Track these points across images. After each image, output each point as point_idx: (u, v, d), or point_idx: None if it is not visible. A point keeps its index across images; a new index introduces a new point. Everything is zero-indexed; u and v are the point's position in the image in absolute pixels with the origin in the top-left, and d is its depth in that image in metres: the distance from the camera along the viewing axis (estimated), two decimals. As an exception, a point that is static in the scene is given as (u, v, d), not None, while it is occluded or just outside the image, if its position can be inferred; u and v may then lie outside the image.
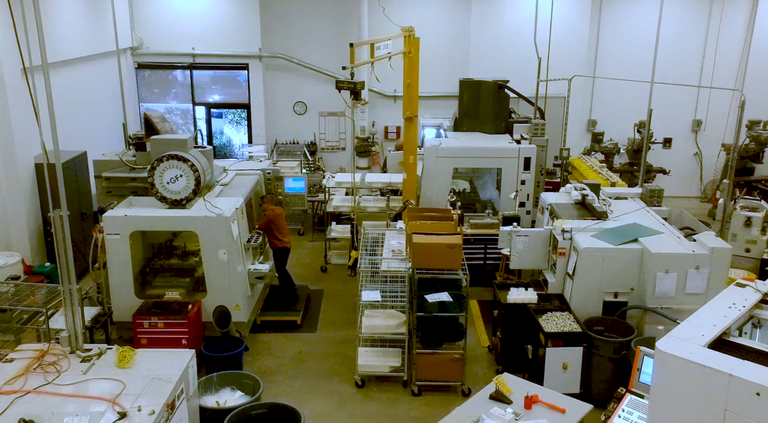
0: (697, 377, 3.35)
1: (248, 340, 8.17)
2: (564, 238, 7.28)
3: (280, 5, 13.83)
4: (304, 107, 14.50)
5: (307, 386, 7.21)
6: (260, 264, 7.97)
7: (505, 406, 5.35)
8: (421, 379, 7.02)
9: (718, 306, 3.98)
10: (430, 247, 6.83)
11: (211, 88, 14.66)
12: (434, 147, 10.44)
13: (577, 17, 13.58)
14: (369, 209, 10.34)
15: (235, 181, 8.83)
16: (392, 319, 7.33)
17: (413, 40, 9.05)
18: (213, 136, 15.28)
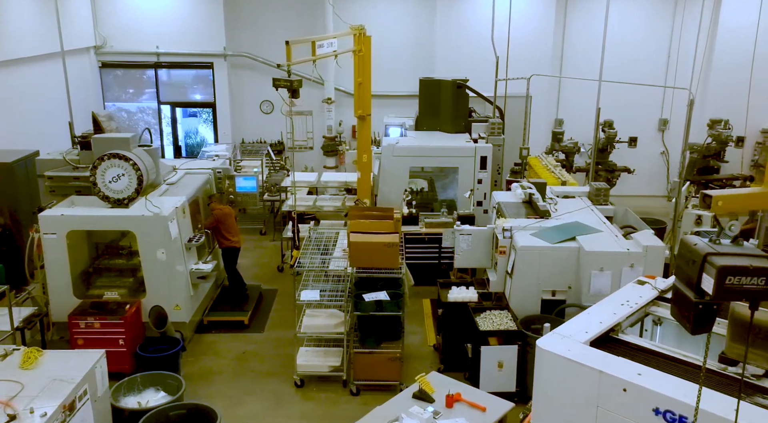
0: (572, 374, 3.34)
1: (194, 341, 8.15)
2: (504, 236, 7.27)
3: (245, 4, 13.79)
4: (270, 106, 14.45)
5: (246, 387, 7.17)
6: (204, 264, 7.92)
7: (426, 405, 5.33)
8: (359, 379, 7.00)
9: (611, 303, 3.98)
10: (367, 246, 6.81)
11: (183, 86, 14.60)
12: (390, 146, 10.44)
13: (541, 17, 13.59)
14: (325, 208, 10.31)
15: (184, 181, 8.79)
16: (333, 318, 7.31)
17: (364, 39, 9.03)
18: (188, 136, 15.23)
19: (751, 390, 3.21)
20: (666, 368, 3.34)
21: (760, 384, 3.24)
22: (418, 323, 8.75)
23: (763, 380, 3.29)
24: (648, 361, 3.42)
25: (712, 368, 3.39)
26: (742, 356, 3.43)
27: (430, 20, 13.83)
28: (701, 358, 3.55)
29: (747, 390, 3.21)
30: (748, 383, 3.26)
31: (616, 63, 13.75)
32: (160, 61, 13.84)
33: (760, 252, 2.24)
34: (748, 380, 3.27)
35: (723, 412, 2.85)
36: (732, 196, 2.26)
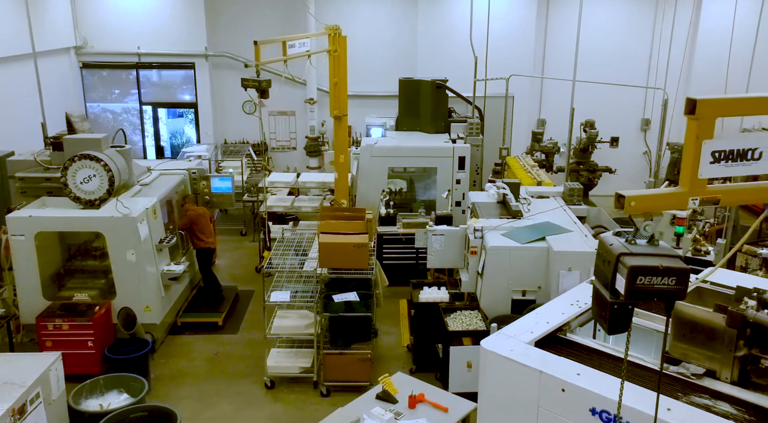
0: (513, 374, 3.34)
1: (167, 342, 8.12)
2: (475, 236, 7.26)
3: (226, 4, 13.76)
4: (253, 106, 14.39)
5: (217, 388, 7.14)
6: (175, 265, 7.89)
7: (389, 406, 5.32)
8: (329, 380, 6.98)
9: (560, 303, 3.98)
10: (336, 247, 6.79)
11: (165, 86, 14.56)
12: (369, 147, 10.43)
13: (522, 17, 13.60)
14: (303, 209, 10.29)
15: (158, 181, 8.75)
16: (304, 319, 7.29)
17: (340, 39, 9.01)
18: (174, 136, 15.18)
19: (689, 389, 3.21)
20: (608, 368, 3.34)
21: (699, 383, 3.24)
22: (394, 324, 8.73)
23: (704, 379, 3.29)
24: (591, 361, 3.42)
25: (654, 367, 3.38)
26: (685, 355, 3.44)
27: (412, 20, 13.83)
28: (648, 359, 3.56)
29: (685, 389, 3.21)
30: (688, 382, 3.26)
31: (598, 63, 13.81)
32: (141, 61, 13.79)
33: (674, 252, 2.24)
34: (688, 379, 3.27)
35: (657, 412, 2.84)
36: (645, 197, 2.25)
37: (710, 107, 2.14)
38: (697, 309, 3.30)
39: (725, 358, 3.23)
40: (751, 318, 3.12)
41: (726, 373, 3.25)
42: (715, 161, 2.20)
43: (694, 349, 3.34)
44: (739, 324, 3.13)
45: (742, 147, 2.21)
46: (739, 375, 3.24)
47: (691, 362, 3.37)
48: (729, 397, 3.13)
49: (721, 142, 2.19)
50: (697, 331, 3.28)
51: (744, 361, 3.21)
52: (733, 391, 3.18)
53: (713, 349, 3.26)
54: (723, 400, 3.12)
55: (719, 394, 3.16)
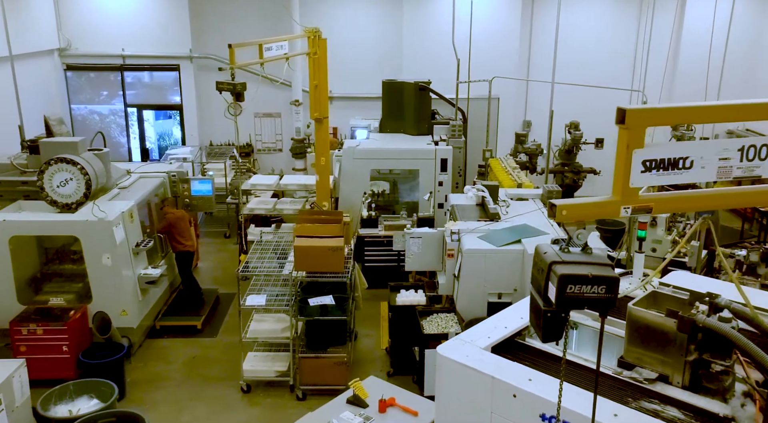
0: (467, 380, 3.34)
1: (145, 346, 8.09)
2: (452, 239, 7.27)
3: (211, 6, 13.73)
4: (238, 108, 14.35)
5: (193, 392, 7.13)
6: (153, 268, 7.86)
7: (358, 410, 5.32)
8: (305, 384, 6.97)
9: (520, 308, 3.99)
10: (311, 250, 6.78)
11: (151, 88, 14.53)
12: (351, 149, 10.44)
13: (506, 19, 13.62)
14: (285, 212, 10.28)
15: (137, 184, 8.72)
16: (281, 323, 7.28)
17: (320, 41, 9.00)
18: (163, 138, 15.14)
19: (640, 394, 3.22)
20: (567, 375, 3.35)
21: (651, 388, 3.25)
22: (374, 326, 8.74)
23: (656, 384, 3.30)
24: (546, 366, 3.43)
25: (607, 372, 3.40)
26: (639, 360, 3.45)
27: (397, 22, 13.83)
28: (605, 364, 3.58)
29: (636, 394, 3.22)
30: (640, 388, 3.27)
31: (583, 64, 13.84)
32: (125, 63, 13.74)
33: (606, 261, 2.25)
34: (640, 384, 3.29)
35: (603, 417, 2.85)
36: (577, 206, 2.26)
37: (639, 117, 2.15)
38: (650, 313, 3.31)
39: (677, 363, 3.25)
40: (701, 323, 3.13)
41: (678, 378, 3.27)
42: (646, 170, 2.21)
43: (648, 353, 3.35)
44: (689, 329, 3.14)
45: (672, 156, 2.22)
46: (690, 379, 3.26)
47: (645, 367, 3.38)
48: (678, 402, 3.15)
49: (651, 151, 2.20)
50: (651, 336, 3.29)
51: (695, 365, 3.22)
52: (684, 396, 3.19)
53: (666, 353, 3.28)
54: (672, 405, 3.13)
55: (669, 399, 3.17)
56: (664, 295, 3.58)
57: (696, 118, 2.32)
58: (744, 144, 2.26)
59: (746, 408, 3.25)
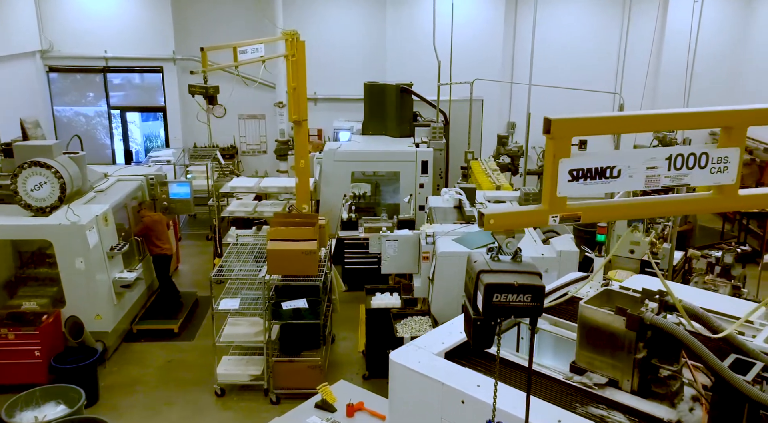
0: (418, 386, 3.34)
1: (121, 350, 8.06)
2: (427, 242, 7.28)
3: (194, 8, 13.71)
4: (222, 110, 14.32)
5: (167, 396, 7.10)
6: (128, 272, 7.84)
7: (326, 415, 5.31)
8: (279, 388, 6.96)
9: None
10: (284, 254, 6.76)
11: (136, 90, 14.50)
12: (331, 151, 10.45)
13: (489, 21, 13.66)
14: (266, 214, 10.25)
15: (114, 187, 8.69)
16: (256, 327, 7.26)
17: (298, 44, 8.99)
18: (150, 139, 15.11)
19: (588, 400, 3.23)
20: (512, 379, 3.36)
21: (600, 393, 3.26)
22: (353, 329, 8.73)
23: (606, 389, 3.31)
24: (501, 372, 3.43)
25: (558, 377, 3.41)
26: (591, 364, 3.46)
27: (381, 24, 13.85)
28: (560, 369, 3.59)
29: (584, 400, 3.23)
30: (588, 393, 3.28)
31: (567, 66, 13.90)
32: (108, 65, 13.70)
33: (535, 269, 2.26)
34: (589, 390, 3.30)
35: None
36: (505, 214, 2.27)
37: (565, 127, 2.16)
38: (600, 311, 3.32)
39: (626, 367, 3.26)
40: (648, 320, 3.14)
41: (627, 383, 3.28)
42: (573, 179, 2.21)
43: (598, 357, 3.36)
44: (636, 326, 3.16)
45: (599, 165, 2.22)
46: (639, 384, 3.27)
47: (596, 372, 3.39)
48: (626, 407, 3.16)
49: (577, 160, 2.21)
50: (600, 335, 3.31)
51: (644, 370, 3.24)
52: (632, 402, 3.20)
53: (615, 357, 3.28)
54: (619, 410, 3.14)
55: (617, 404, 3.18)
56: (617, 293, 3.59)
57: (622, 128, 2.33)
58: (672, 153, 2.27)
59: (694, 412, 3.27)
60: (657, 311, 3.28)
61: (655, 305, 3.31)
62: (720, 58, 14.05)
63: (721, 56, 14.07)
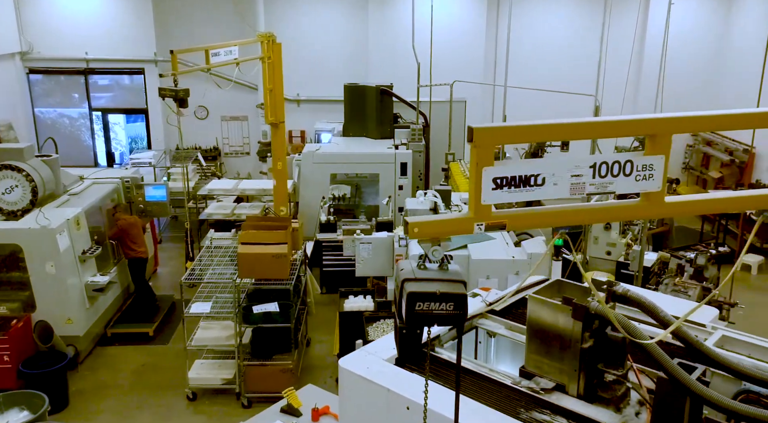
0: (366, 393, 3.33)
1: (94, 354, 8.02)
2: (400, 244, 7.28)
3: (176, 9, 13.66)
4: (205, 111, 14.33)
5: (139, 400, 7.07)
6: (101, 276, 7.79)
7: (291, 419, 5.30)
8: (251, 391, 6.94)
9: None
10: (255, 257, 6.76)
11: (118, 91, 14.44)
12: (310, 153, 10.44)
13: (472, 22, 13.69)
14: (244, 216, 10.21)
15: (89, 190, 8.64)
16: (228, 330, 7.24)
17: (274, 46, 8.97)
18: (135, 141, 15.04)
19: (533, 405, 3.23)
20: (462, 385, 3.36)
21: (545, 398, 3.27)
22: (329, 332, 8.72)
23: (553, 394, 3.32)
24: (447, 377, 3.43)
25: (506, 382, 3.41)
26: (540, 368, 3.47)
27: (363, 26, 13.84)
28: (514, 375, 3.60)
29: (530, 405, 3.24)
30: (534, 398, 3.29)
31: (549, 68, 13.94)
32: (89, 67, 13.63)
33: (459, 278, 2.25)
34: (536, 395, 3.30)
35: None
36: (429, 223, 2.27)
37: (487, 135, 2.16)
38: (547, 301, 3.34)
39: (573, 371, 3.27)
40: (593, 310, 3.15)
41: (573, 387, 3.29)
42: (497, 187, 2.21)
43: (546, 360, 3.37)
44: (581, 316, 3.17)
45: (524, 173, 2.23)
46: (585, 389, 3.28)
47: (544, 376, 3.40)
48: (570, 412, 3.16)
49: (501, 169, 2.21)
50: (548, 331, 3.32)
51: (590, 373, 3.25)
52: (578, 406, 3.21)
53: (563, 357, 3.29)
54: (563, 416, 3.15)
55: (561, 409, 3.18)
56: (567, 285, 3.61)
57: (544, 137, 2.34)
58: (596, 161, 2.27)
59: (641, 416, 3.28)
60: (605, 300, 3.29)
61: (603, 295, 3.33)
62: (700, 61, 14.14)
63: (701, 59, 14.15)
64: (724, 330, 3.88)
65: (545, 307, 3.36)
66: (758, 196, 2.43)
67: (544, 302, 3.37)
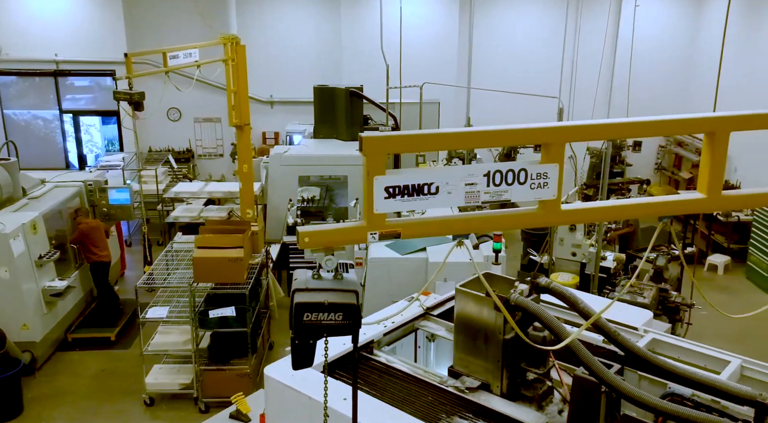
0: (289, 400, 3.32)
1: (54, 359, 7.93)
2: (360, 247, 7.28)
3: (146, 11, 13.55)
4: (178, 113, 14.23)
5: (95, 407, 6.99)
6: (59, 280, 7.71)
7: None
8: (208, 396, 6.89)
9: (367, 323, 3.99)
10: (210, 261, 6.70)
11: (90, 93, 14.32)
12: (278, 155, 10.39)
13: (445, 23, 13.70)
14: (211, 219, 10.14)
15: (49, 194, 8.54)
16: (185, 335, 7.18)
17: (238, 48, 8.91)
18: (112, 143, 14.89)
19: (457, 405, 3.24)
20: (385, 390, 3.36)
21: (469, 397, 3.29)
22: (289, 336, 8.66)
23: (477, 393, 3.34)
24: (373, 384, 3.43)
25: (433, 382, 3.44)
26: (467, 367, 3.50)
27: (336, 26, 13.81)
28: (441, 376, 3.61)
29: (455, 406, 3.25)
30: (459, 398, 3.31)
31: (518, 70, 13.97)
32: (59, 68, 13.49)
33: (353, 287, 2.24)
34: (461, 394, 3.32)
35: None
36: (321, 232, 2.25)
37: (376, 144, 2.15)
38: (472, 294, 3.38)
39: (496, 369, 3.31)
40: (513, 301, 3.21)
41: (497, 386, 3.33)
42: (390, 196, 2.21)
43: (473, 358, 3.42)
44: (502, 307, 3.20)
45: (416, 182, 2.22)
46: (508, 387, 3.32)
47: (471, 375, 3.44)
48: (491, 411, 3.19)
49: (393, 178, 2.20)
50: (472, 327, 3.36)
51: (513, 372, 3.29)
52: (500, 405, 3.24)
53: (488, 353, 3.33)
54: (485, 417, 3.16)
55: (484, 409, 3.21)
56: (496, 278, 3.66)
57: (434, 146, 2.33)
58: (490, 170, 2.28)
59: (563, 414, 3.31)
60: (527, 294, 3.32)
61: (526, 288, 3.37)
62: (673, 63, 14.26)
63: (674, 62, 14.28)
64: (656, 333, 3.91)
65: (471, 299, 3.41)
66: (649, 204, 2.44)
67: (470, 294, 3.42)
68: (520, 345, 3.26)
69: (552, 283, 3.31)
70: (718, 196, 2.40)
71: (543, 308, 3.18)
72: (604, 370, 2.89)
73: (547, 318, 3.10)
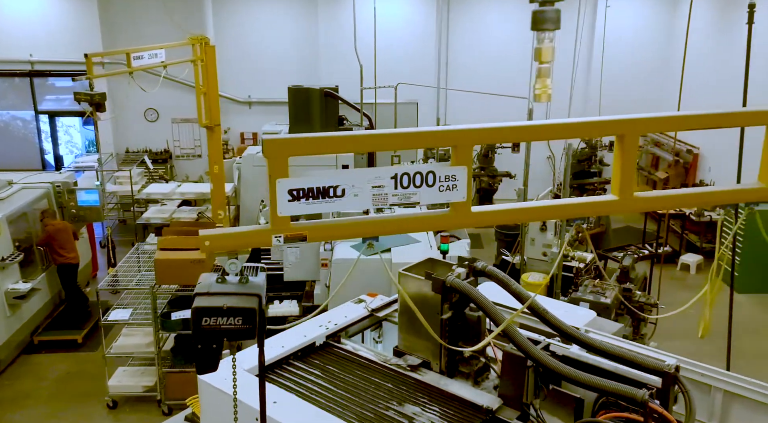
0: (222, 404, 3.30)
1: (18, 362, 7.87)
2: (325, 249, 7.26)
3: (122, 11, 13.48)
4: (155, 114, 14.15)
5: (57, 410, 6.94)
6: (23, 283, 7.64)
7: (194, 428, 5.24)
8: (171, 398, 6.86)
9: (308, 325, 3.99)
10: (171, 263, 6.65)
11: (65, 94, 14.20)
12: (250, 156, 10.35)
13: (422, 24, 13.71)
14: (182, 220, 10.10)
15: (16, 196, 8.47)
16: (149, 337, 7.13)
17: (208, 49, 8.88)
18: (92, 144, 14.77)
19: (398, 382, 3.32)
20: (317, 395, 3.35)
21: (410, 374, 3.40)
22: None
23: (419, 371, 3.41)
24: (306, 388, 3.43)
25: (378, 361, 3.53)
26: (410, 347, 3.57)
27: (314, 26, 13.79)
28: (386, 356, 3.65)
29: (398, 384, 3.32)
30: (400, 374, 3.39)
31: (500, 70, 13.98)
32: (35, 69, 13.38)
33: (256, 291, 2.23)
34: (402, 372, 3.40)
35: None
36: (223, 235, 2.24)
37: (277, 147, 2.14)
38: (412, 277, 3.49)
39: (436, 348, 3.40)
40: (449, 283, 3.34)
41: (437, 364, 3.44)
42: (294, 199, 2.20)
43: (415, 338, 3.51)
44: (439, 289, 3.35)
45: (321, 185, 2.21)
46: (447, 364, 3.43)
47: (413, 354, 3.52)
48: (431, 387, 3.29)
49: (296, 181, 2.19)
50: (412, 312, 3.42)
51: (451, 351, 3.38)
52: (438, 380, 3.35)
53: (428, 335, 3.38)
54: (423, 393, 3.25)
55: (423, 384, 3.31)
56: (438, 262, 3.75)
57: (337, 148, 2.31)
58: (397, 172, 2.27)
59: (498, 389, 3.36)
60: (465, 277, 3.46)
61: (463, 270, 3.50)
62: (650, 62, 14.34)
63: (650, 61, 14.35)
64: (597, 333, 3.92)
65: (412, 282, 3.50)
66: (560, 206, 2.45)
67: (410, 277, 3.51)
68: (456, 324, 3.40)
69: (488, 267, 3.47)
70: (630, 198, 2.41)
71: (476, 290, 3.35)
72: (530, 345, 3.01)
73: (479, 298, 3.29)
